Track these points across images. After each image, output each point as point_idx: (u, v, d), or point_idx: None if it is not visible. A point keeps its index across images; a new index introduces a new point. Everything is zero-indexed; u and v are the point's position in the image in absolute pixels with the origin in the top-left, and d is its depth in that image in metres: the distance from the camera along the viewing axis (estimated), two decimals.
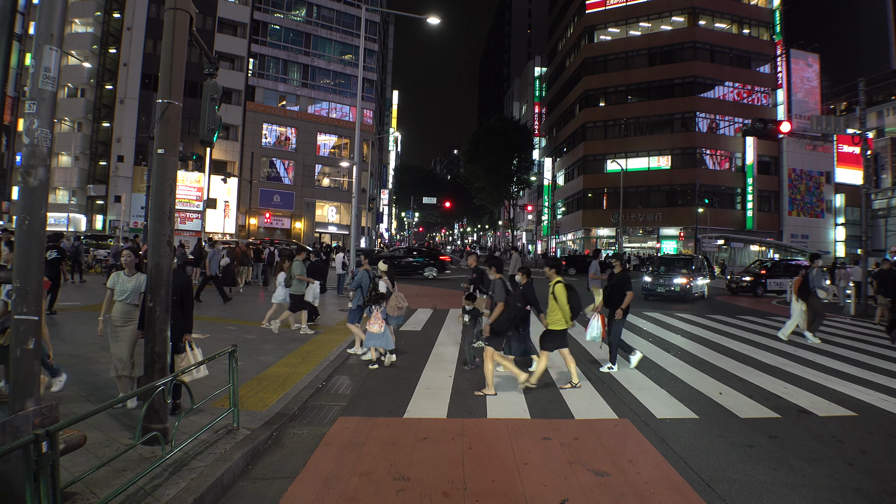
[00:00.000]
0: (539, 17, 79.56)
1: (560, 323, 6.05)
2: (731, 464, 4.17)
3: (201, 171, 35.14)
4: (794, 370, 7.47)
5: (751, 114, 39.64)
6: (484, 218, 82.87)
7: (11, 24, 3.30)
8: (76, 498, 3.09)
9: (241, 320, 10.03)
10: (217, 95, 5.11)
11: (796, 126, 32.51)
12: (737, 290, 20.46)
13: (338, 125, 44.03)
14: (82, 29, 36.93)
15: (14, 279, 3.09)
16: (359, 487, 3.62)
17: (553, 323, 6.09)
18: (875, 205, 17.72)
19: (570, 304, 6.03)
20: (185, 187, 35.51)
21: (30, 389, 3.08)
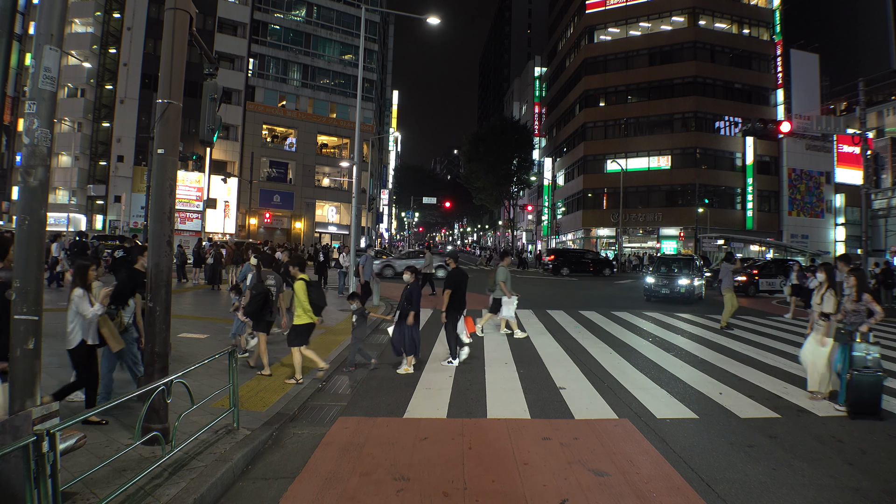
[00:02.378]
0: (539, 17, 79.56)
1: (303, 318, 6.17)
2: (731, 464, 4.17)
3: (201, 171, 35.15)
4: (794, 370, 7.46)
5: (751, 114, 39.61)
6: (484, 218, 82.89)
7: (11, 24, 3.30)
8: (76, 498, 3.09)
9: None
10: (217, 95, 5.12)
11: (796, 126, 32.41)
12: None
13: (338, 125, 44.04)
14: (82, 29, 36.93)
15: (14, 279, 3.09)
16: (359, 487, 3.62)
17: (297, 318, 6.20)
18: (875, 205, 17.74)
19: (311, 301, 6.17)
20: (185, 187, 35.51)
21: (30, 389, 3.09)
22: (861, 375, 5.08)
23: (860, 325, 5.39)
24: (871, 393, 5.06)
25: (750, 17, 42.30)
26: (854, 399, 5.13)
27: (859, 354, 5.14)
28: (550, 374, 6.91)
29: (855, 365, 5.14)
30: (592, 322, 11.78)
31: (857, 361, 5.13)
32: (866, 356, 5.11)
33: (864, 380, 5.07)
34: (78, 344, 4.51)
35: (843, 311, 5.55)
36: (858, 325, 5.41)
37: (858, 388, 5.08)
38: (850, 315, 5.49)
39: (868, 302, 5.45)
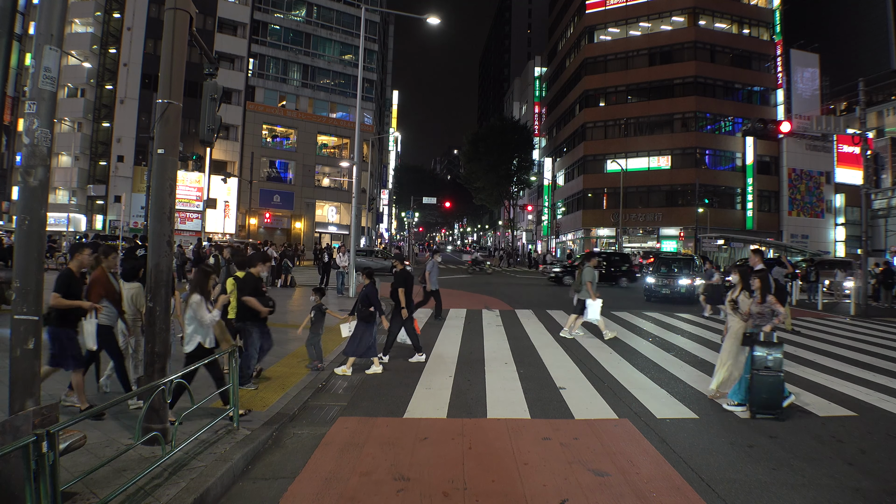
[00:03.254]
0: (539, 18, 79.57)
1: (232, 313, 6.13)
2: (731, 464, 4.17)
3: (201, 171, 35.16)
4: (794, 370, 7.47)
5: (751, 114, 39.62)
6: (484, 218, 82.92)
7: (11, 24, 3.30)
8: (76, 498, 3.09)
9: None
10: (217, 95, 5.11)
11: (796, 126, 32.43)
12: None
13: (338, 125, 44.04)
14: (82, 29, 36.94)
15: (14, 279, 3.09)
16: (359, 487, 3.62)
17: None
18: (875, 205, 17.73)
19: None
20: (185, 187, 35.51)
21: (30, 389, 3.09)
22: (761, 376, 5.13)
23: (763, 326, 5.45)
24: (771, 393, 5.11)
25: (750, 17, 42.30)
26: (755, 399, 5.18)
27: (760, 355, 5.19)
28: (550, 374, 6.91)
29: (756, 365, 5.18)
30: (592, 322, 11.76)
31: (758, 362, 5.18)
32: (767, 357, 5.16)
33: (764, 380, 5.12)
34: (195, 347, 4.66)
35: (749, 313, 5.60)
36: (762, 326, 5.49)
37: (759, 389, 5.14)
38: (756, 317, 5.54)
39: (772, 303, 5.50)
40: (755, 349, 5.23)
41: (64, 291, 4.47)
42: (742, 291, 5.71)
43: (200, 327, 4.68)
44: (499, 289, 19.78)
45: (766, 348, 5.19)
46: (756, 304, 5.55)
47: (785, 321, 9.54)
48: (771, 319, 5.47)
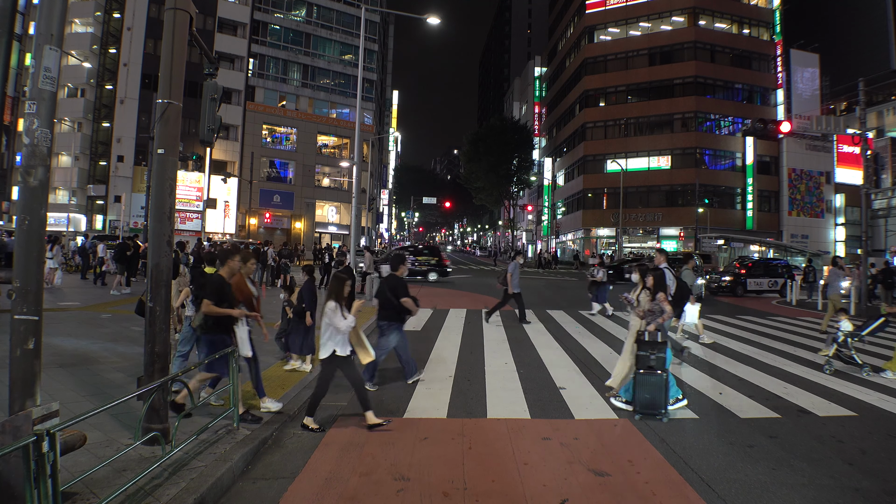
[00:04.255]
0: (539, 18, 79.58)
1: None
2: (731, 464, 4.17)
3: (201, 171, 35.17)
4: (794, 370, 7.47)
5: (751, 114, 39.62)
6: (484, 218, 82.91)
7: (11, 24, 3.30)
8: (76, 498, 3.09)
9: None
10: (217, 95, 5.11)
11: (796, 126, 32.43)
12: (717, 291, 20.04)
13: (338, 125, 44.04)
14: (82, 29, 36.94)
15: (14, 279, 3.09)
16: (359, 487, 3.62)
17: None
18: (875, 205, 17.73)
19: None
20: (185, 187, 35.52)
21: (30, 389, 3.09)
22: (643, 375, 5.14)
23: (649, 325, 5.47)
24: (653, 393, 5.10)
25: (750, 17, 42.30)
26: (638, 398, 5.19)
27: (643, 354, 5.20)
28: (550, 374, 6.91)
29: (639, 364, 5.19)
30: (592, 322, 11.78)
31: (641, 361, 5.19)
32: (650, 356, 5.16)
33: (646, 379, 5.12)
34: (329, 354, 4.68)
35: (642, 310, 5.63)
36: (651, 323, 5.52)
37: (642, 388, 5.14)
38: (648, 315, 5.56)
39: (660, 301, 5.53)
40: (640, 347, 5.26)
41: (216, 299, 4.52)
42: (643, 290, 5.75)
43: (336, 334, 4.67)
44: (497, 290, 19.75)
45: (649, 348, 5.20)
46: (648, 302, 5.62)
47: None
48: (658, 317, 5.48)
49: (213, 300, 4.48)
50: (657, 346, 5.18)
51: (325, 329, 4.68)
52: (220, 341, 4.56)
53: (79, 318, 9.27)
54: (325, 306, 4.70)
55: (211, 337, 4.57)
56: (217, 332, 4.58)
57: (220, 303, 4.49)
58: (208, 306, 4.46)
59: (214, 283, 4.57)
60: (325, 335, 4.69)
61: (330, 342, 4.68)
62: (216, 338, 4.56)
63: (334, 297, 4.73)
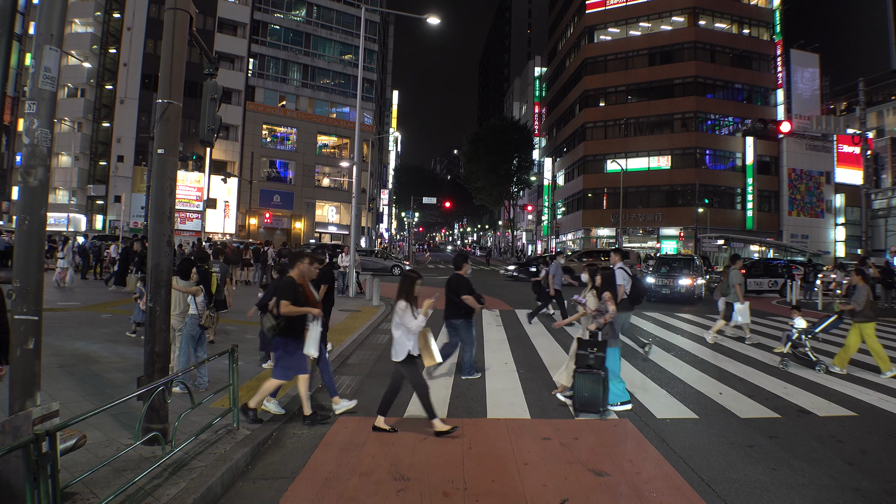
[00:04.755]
0: (539, 17, 79.57)
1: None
2: (731, 464, 4.17)
3: (201, 171, 35.18)
4: (795, 370, 7.47)
5: (751, 114, 39.61)
6: (484, 218, 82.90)
7: (11, 24, 3.30)
8: (76, 498, 3.09)
9: (242, 321, 10.02)
10: (217, 95, 5.11)
11: (796, 126, 32.46)
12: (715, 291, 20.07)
13: (338, 125, 44.04)
14: (82, 29, 36.95)
15: (14, 279, 3.09)
16: (359, 487, 3.62)
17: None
18: (875, 205, 17.75)
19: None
20: (185, 187, 35.52)
21: (30, 389, 3.09)
22: (581, 373, 5.16)
23: (595, 323, 5.49)
24: (592, 391, 5.13)
25: (750, 17, 42.29)
26: (576, 396, 5.22)
27: (583, 353, 5.21)
28: (550, 373, 6.91)
29: (579, 363, 5.22)
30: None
31: (581, 360, 5.21)
32: (589, 355, 5.18)
33: (586, 378, 5.15)
34: (406, 356, 4.64)
35: (590, 309, 5.64)
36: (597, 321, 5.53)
37: (580, 386, 5.17)
38: (596, 314, 5.58)
39: (606, 300, 5.53)
40: (580, 345, 5.28)
41: (293, 299, 4.57)
42: (591, 290, 5.78)
43: (408, 334, 4.63)
44: (498, 289, 19.78)
45: (589, 346, 5.22)
46: (594, 301, 5.64)
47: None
48: (602, 316, 5.49)
49: (290, 300, 4.55)
50: (597, 345, 5.22)
51: (396, 328, 4.64)
52: (292, 343, 4.66)
53: (79, 318, 9.27)
54: (396, 306, 4.66)
55: (283, 339, 4.65)
56: (289, 334, 4.66)
57: (295, 304, 4.57)
58: (287, 307, 4.52)
59: (289, 285, 4.64)
60: (398, 334, 4.65)
61: (406, 341, 4.63)
62: (288, 339, 4.66)
63: (404, 296, 4.67)
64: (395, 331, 4.65)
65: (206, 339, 5.86)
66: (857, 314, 7.33)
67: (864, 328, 7.26)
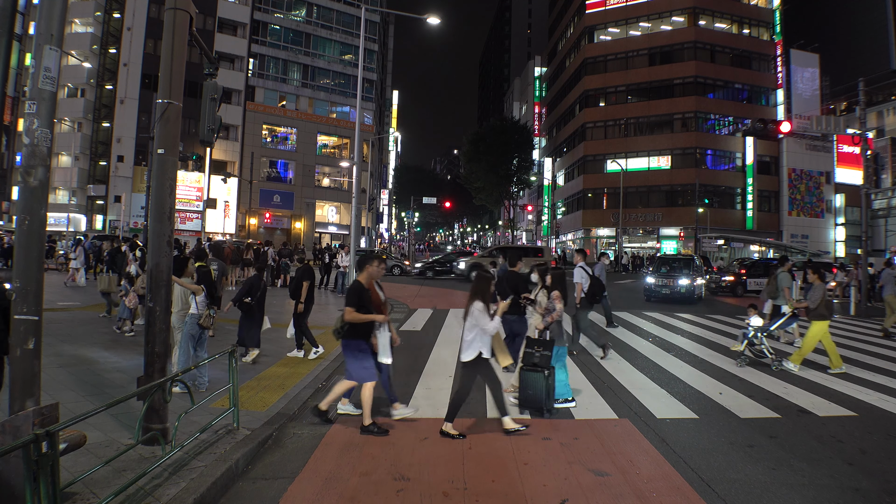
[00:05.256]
0: (539, 17, 79.56)
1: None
2: (731, 464, 4.17)
3: (201, 171, 35.16)
4: (794, 370, 7.46)
5: (751, 114, 39.61)
6: (484, 218, 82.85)
7: (11, 24, 3.30)
8: (76, 498, 3.09)
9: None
10: (217, 95, 5.11)
11: (796, 126, 32.49)
12: (716, 291, 19.97)
13: (338, 125, 44.04)
14: (82, 29, 36.95)
15: (14, 279, 3.09)
16: (359, 487, 3.62)
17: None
18: (875, 205, 17.73)
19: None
20: (185, 187, 35.51)
21: (30, 389, 3.09)
22: (526, 372, 5.17)
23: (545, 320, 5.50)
24: (536, 389, 5.13)
25: (750, 17, 42.30)
26: (521, 394, 5.23)
27: (529, 351, 5.22)
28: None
29: (525, 361, 5.23)
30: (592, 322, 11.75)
31: (527, 358, 5.22)
32: (535, 353, 5.18)
33: (531, 376, 5.15)
34: (475, 357, 4.63)
35: (542, 309, 5.65)
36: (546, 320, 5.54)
37: (525, 385, 5.18)
38: (547, 312, 5.59)
39: (554, 299, 5.55)
40: (527, 343, 5.28)
41: (357, 304, 4.55)
42: (542, 289, 5.80)
43: (482, 335, 4.62)
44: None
45: (535, 345, 5.23)
46: (545, 300, 5.66)
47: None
48: (549, 315, 5.51)
49: (354, 306, 4.52)
50: (543, 344, 5.22)
51: (470, 330, 4.62)
52: (359, 346, 4.65)
53: (79, 318, 9.27)
54: (471, 307, 4.62)
55: (352, 340, 4.65)
56: (355, 337, 4.64)
57: (360, 309, 4.55)
58: (351, 313, 4.51)
59: (354, 290, 4.62)
60: (470, 337, 4.62)
61: (475, 344, 4.61)
62: (355, 343, 4.65)
63: (480, 297, 4.65)
64: (468, 333, 4.63)
65: (206, 339, 5.86)
66: (812, 312, 7.40)
67: (819, 326, 7.34)
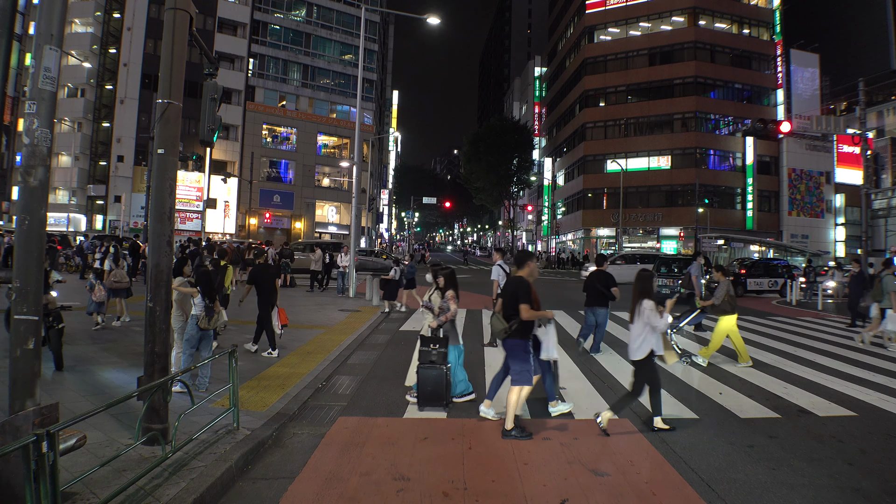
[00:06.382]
0: (539, 17, 79.57)
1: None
2: (731, 464, 4.17)
3: (201, 171, 35.17)
4: (794, 370, 7.47)
5: (751, 114, 39.60)
6: (484, 218, 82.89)
7: (11, 24, 3.30)
8: (76, 498, 3.09)
9: (241, 320, 10.02)
10: (217, 95, 5.11)
11: (796, 126, 32.49)
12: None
13: (338, 125, 44.03)
14: (82, 29, 36.94)
15: (14, 279, 3.09)
16: (359, 487, 3.62)
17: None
18: (875, 205, 17.75)
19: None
20: (185, 187, 35.52)
21: (30, 389, 3.09)
22: (424, 370, 5.22)
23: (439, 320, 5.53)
24: (434, 386, 5.20)
25: (750, 17, 42.28)
26: (420, 391, 5.27)
27: (425, 349, 5.26)
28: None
29: (421, 359, 5.27)
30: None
31: (423, 356, 5.26)
32: (431, 351, 5.24)
33: (428, 374, 5.21)
34: (647, 355, 4.71)
35: (437, 308, 5.67)
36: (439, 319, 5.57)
37: (423, 382, 5.24)
38: (442, 312, 5.61)
39: (448, 299, 5.59)
40: (422, 342, 5.33)
41: (531, 301, 4.56)
42: (436, 290, 5.82)
43: (653, 333, 4.69)
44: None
45: (431, 343, 5.29)
46: (439, 299, 5.69)
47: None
48: (443, 315, 5.53)
49: (529, 303, 4.53)
50: (438, 342, 5.28)
51: (642, 330, 4.70)
52: (526, 347, 4.67)
53: (79, 318, 9.26)
54: (641, 307, 4.70)
55: (519, 341, 4.66)
56: (523, 336, 4.67)
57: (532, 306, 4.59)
58: (528, 311, 4.51)
59: (527, 288, 4.62)
60: (641, 335, 4.70)
61: (647, 342, 4.69)
62: (523, 343, 4.67)
63: (648, 295, 4.72)
64: (638, 331, 4.73)
65: (210, 339, 5.82)
66: (717, 308, 7.53)
67: (726, 321, 7.49)
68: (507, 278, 4.96)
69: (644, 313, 4.67)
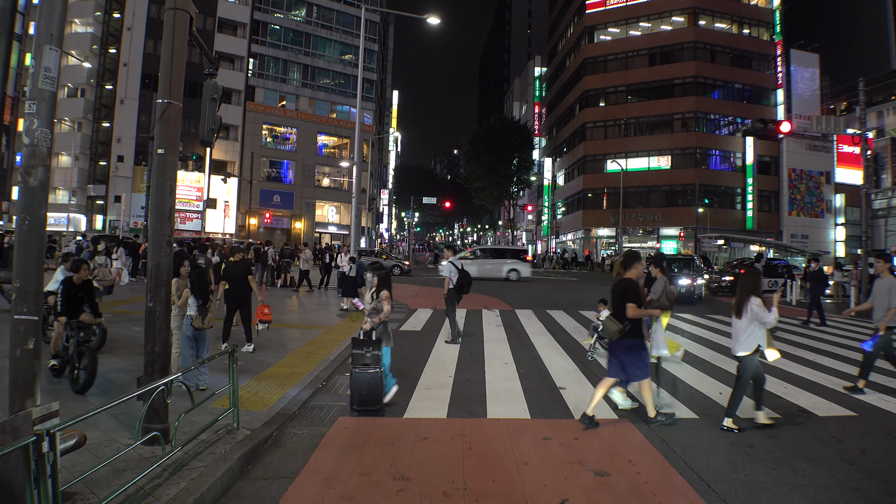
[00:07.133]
0: (539, 17, 79.55)
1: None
2: (731, 464, 4.17)
3: (201, 171, 35.20)
4: (794, 370, 7.47)
5: (751, 114, 39.61)
6: (484, 218, 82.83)
7: (11, 24, 3.30)
8: (76, 498, 3.09)
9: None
10: (217, 95, 5.11)
11: (796, 126, 32.46)
12: (716, 291, 19.98)
13: (338, 125, 44.03)
14: (82, 29, 36.95)
15: (14, 279, 3.09)
16: (359, 487, 3.62)
17: None
18: (875, 205, 17.75)
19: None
20: (185, 187, 35.52)
21: (30, 389, 3.09)
22: (360, 373, 5.16)
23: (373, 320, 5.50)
24: (370, 388, 5.14)
25: (750, 17, 42.28)
26: (354, 395, 5.21)
27: (359, 352, 5.21)
28: (550, 373, 6.91)
29: (355, 362, 5.23)
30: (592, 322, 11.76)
31: (357, 359, 5.22)
32: (365, 354, 5.18)
33: (361, 377, 5.14)
34: (753, 350, 4.84)
35: (368, 309, 5.63)
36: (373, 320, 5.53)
37: (357, 385, 5.17)
38: (373, 313, 5.57)
39: (382, 299, 5.55)
40: (355, 345, 5.27)
41: (638, 301, 4.64)
42: (374, 290, 5.75)
43: (759, 329, 4.81)
44: (497, 289, 19.77)
45: (364, 346, 5.22)
46: (373, 300, 5.64)
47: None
48: (377, 315, 5.50)
49: (636, 303, 4.65)
50: (372, 344, 5.24)
51: (748, 325, 4.81)
52: (641, 345, 4.79)
53: None
54: (748, 303, 4.81)
55: (632, 341, 4.75)
56: (636, 336, 4.76)
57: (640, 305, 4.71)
58: (635, 310, 4.63)
59: (635, 288, 4.75)
60: (747, 331, 4.82)
61: (753, 337, 4.82)
62: (638, 342, 4.78)
63: (755, 292, 4.84)
64: (744, 327, 4.83)
65: (208, 339, 5.85)
66: (654, 303, 7.55)
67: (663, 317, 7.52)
68: (616, 280, 4.99)
69: (752, 310, 4.78)
